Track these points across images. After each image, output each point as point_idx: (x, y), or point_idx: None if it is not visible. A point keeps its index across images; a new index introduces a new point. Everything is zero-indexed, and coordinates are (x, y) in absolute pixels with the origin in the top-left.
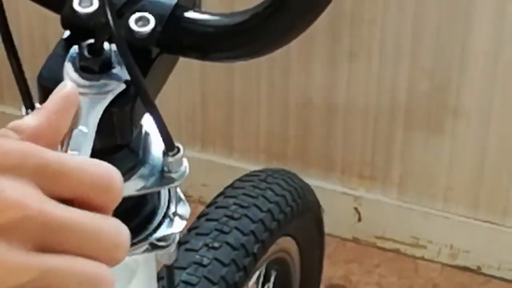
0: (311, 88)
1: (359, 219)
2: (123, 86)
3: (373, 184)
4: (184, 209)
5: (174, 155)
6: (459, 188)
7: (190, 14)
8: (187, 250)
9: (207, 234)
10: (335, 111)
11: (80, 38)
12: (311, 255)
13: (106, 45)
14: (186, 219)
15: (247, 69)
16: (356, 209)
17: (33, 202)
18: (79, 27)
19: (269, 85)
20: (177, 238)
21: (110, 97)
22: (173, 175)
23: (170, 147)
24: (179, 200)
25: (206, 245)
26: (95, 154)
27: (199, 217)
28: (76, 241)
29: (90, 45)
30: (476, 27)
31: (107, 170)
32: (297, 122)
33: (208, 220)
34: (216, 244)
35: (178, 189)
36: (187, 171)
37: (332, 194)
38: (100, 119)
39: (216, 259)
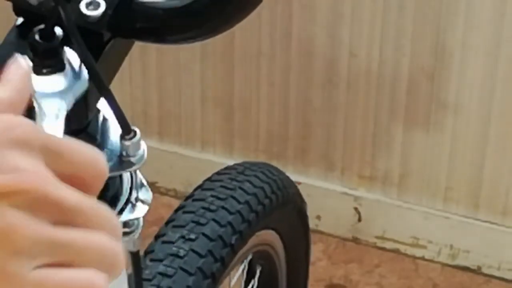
0: (311, 88)
1: (359, 219)
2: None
3: (373, 184)
4: (146, 194)
5: (131, 138)
6: (459, 188)
7: None
8: (163, 242)
9: (183, 226)
10: (335, 111)
11: (33, 25)
12: (296, 249)
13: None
14: (148, 204)
15: (247, 69)
16: (356, 209)
17: (48, 180)
18: (31, 13)
19: (269, 85)
20: (141, 224)
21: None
22: (132, 159)
23: (126, 131)
24: (141, 185)
25: (183, 237)
26: None
27: (176, 210)
28: (86, 219)
29: (41, 30)
30: (476, 27)
31: (93, 150)
32: (297, 122)
33: (185, 212)
34: (192, 236)
35: (140, 175)
36: (145, 154)
37: (332, 194)
38: None
39: (192, 250)
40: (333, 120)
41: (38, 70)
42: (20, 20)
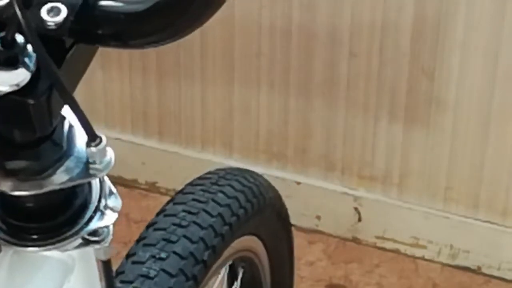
0: (311, 88)
1: (359, 219)
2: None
3: (373, 184)
4: (115, 201)
5: (97, 145)
6: (459, 188)
7: (103, 2)
8: (134, 262)
9: (154, 245)
10: (335, 111)
11: None
12: (279, 250)
13: (20, 37)
14: (118, 212)
15: (247, 69)
16: (356, 209)
17: None
18: None
19: (269, 85)
20: (111, 232)
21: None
22: (98, 166)
23: (92, 138)
24: (110, 193)
25: (153, 256)
26: (17, 147)
27: (147, 227)
28: None
29: (2, 38)
30: (476, 27)
31: None
32: (297, 122)
33: (155, 229)
34: (163, 255)
35: (109, 182)
36: (113, 161)
37: (332, 194)
38: (17, 112)
39: (163, 270)
40: (333, 120)
41: None
42: None
